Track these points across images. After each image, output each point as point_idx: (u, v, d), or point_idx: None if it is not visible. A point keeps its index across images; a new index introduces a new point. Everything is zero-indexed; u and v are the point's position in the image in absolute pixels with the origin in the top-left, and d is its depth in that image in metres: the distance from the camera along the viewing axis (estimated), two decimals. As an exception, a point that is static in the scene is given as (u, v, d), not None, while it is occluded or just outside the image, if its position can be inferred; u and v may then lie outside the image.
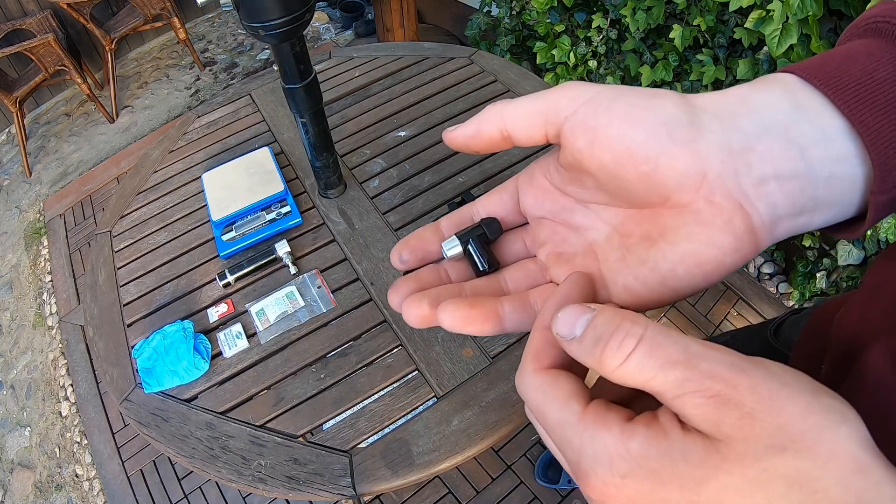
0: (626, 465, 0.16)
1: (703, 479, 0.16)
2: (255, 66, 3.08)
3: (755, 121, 0.19)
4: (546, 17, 1.78)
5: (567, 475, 1.41)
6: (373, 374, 0.80)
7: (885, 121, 0.19)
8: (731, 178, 0.19)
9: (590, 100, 0.20)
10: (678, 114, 0.19)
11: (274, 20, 0.69)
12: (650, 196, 0.20)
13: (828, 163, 0.19)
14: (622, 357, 0.17)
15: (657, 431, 0.17)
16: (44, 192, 2.59)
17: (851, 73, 0.19)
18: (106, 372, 0.86)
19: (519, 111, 0.21)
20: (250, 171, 1.06)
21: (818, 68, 0.20)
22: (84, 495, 1.66)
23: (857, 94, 0.19)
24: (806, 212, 0.19)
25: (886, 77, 0.19)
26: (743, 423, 0.15)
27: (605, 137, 0.19)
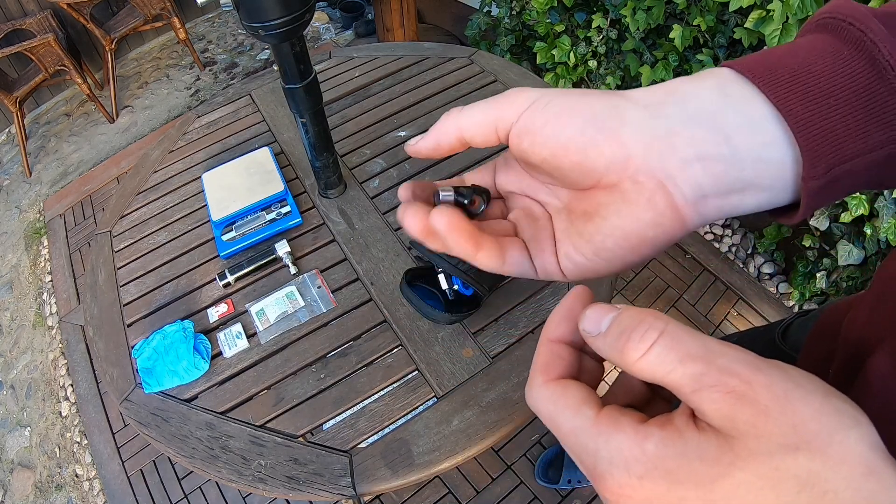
0: (643, 466, 0.17)
1: (717, 477, 0.16)
2: (255, 66, 3.08)
3: (681, 109, 0.21)
4: (546, 17, 1.78)
5: (567, 475, 1.41)
6: (373, 374, 0.80)
7: (816, 110, 0.20)
8: (655, 160, 0.21)
9: (530, 105, 0.23)
10: (603, 109, 0.22)
11: (274, 20, 0.69)
12: (585, 180, 0.23)
13: (754, 147, 0.20)
14: (644, 348, 0.17)
15: (672, 432, 0.17)
16: (44, 192, 2.59)
17: (788, 66, 0.21)
18: (106, 372, 0.86)
19: (472, 121, 0.24)
20: (250, 171, 1.06)
21: (756, 63, 0.22)
22: (84, 495, 1.66)
23: (789, 85, 0.20)
24: (734, 192, 0.21)
25: (823, 69, 0.20)
26: (757, 420, 0.16)
27: (541, 136, 0.22)
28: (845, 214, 1.29)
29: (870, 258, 1.34)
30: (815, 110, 0.20)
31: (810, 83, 0.20)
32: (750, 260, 1.77)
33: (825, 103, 0.20)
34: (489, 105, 0.24)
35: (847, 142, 0.20)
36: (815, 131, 0.20)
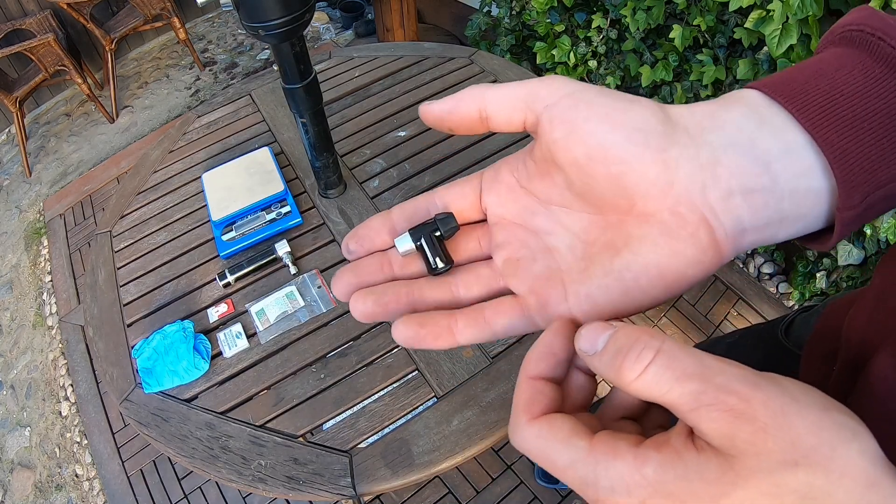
0: (644, 490, 0.16)
1: (719, 496, 0.16)
2: (255, 66, 3.08)
3: (721, 136, 0.19)
4: (546, 17, 1.78)
5: None
6: (373, 374, 0.80)
7: (851, 137, 0.19)
8: (698, 191, 0.19)
9: (571, 93, 0.20)
10: (655, 123, 0.19)
11: (274, 20, 0.69)
12: (616, 199, 0.20)
13: (792, 177, 0.19)
14: (640, 368, 0.17)
15: (671, 454, 0.17)
16: (44, 192, 2.59)
17: (819, 87, 0.20)
18: (106, 372, 0.86)
19: (500, 94, 0.21)
20: (250, 171, 1.06)
21: (785, 84, 0.20)
22: (84, 495, 1.66)
23: (822, 110, 0.19)
24: (771, 224, 0.20)
25: (854, 90, 0.19)
26: (756, 437, 0.15)
27: (581, 131, 0.19)
28: (845, 214, 1.28)
29: (870, 258, 1.34)
30: (850, 137, 0.19)
31: (843, 106, 0.19)
32: (750, 260, 1.77)
33: (859, 128, 0.19)
34: (522, 83, 0.21)
35: (881, 168, 0.19)
36: (851, 160, 0.19)
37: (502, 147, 1.06)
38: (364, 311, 0.23)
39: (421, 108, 0.23)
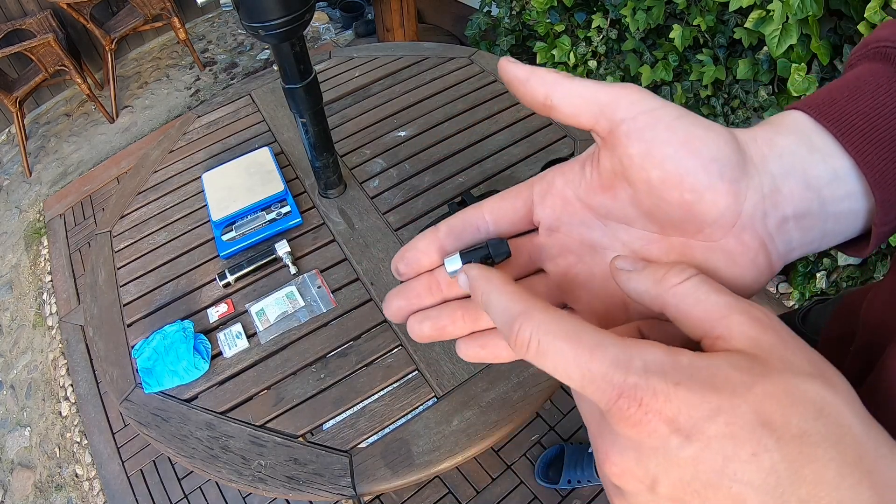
0: (679, 374, 0.16)
1: (751, 384, 0.16)
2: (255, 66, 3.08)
3: (780, 165, 0.20)
4: (546, 17, 1.78)
5: (567, 476, 1.40)
6: (373, 374, 0.80)
7: (890, 158, 0.20)
8: (760, 219, 0.20)
9: (652, 110, 0.20)
10: (729, 152, 0.20)
11: (274, 20, 0.69)
12: (685, 224, 0.20)
13: (838, 201, 0.20)
14: (684, 277, 0.19)
15: (702, 353, 0.17)
16: (44, 192, 2.59)
17: (859, 108, 0.20)
18: (106, 372, 0.86)
19: (577, 89, 0.21)
20: (250, 171, 1.06)
21: (828, 106, 0.21)
22: (84, 495, 1.66)
23: (864, 133, 0.20)
24: (815, 241, 0.21)
25: (893, 110, 0.20)
26: (780, 346, 0.17)
27: (659, 153, 0.20)
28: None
29: (869, 258, 1.34)
30: (889, 158, 0.20)
31: (882, 126, 0.20)
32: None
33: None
34: (602, 86, 0.21)
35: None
36: (889, 180, 0.20)
37: (503, 146, 1.06)
38: (422, 335, 0.23)
39: (503, 61, 0.22)
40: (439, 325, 0.23)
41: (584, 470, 1.40)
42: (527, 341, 0.18)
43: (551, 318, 0.18)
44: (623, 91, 0.21)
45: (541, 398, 0.75)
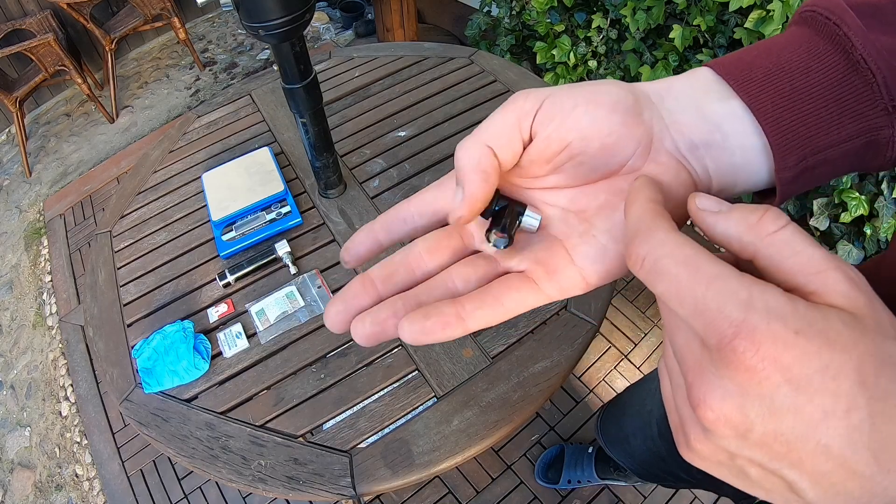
0: (799, 322, 0.16)
1: (856, 342, 0.16)
2: (255, 66, 3.08)
3: (676, 103, 0.23)
4: (546, 17, 1.78)
5: (567, 476, 1.40)
6: (373, 374, 0.80)
7: (786, 107, 0.21)
8: (670, 143, 0.23)
9: (549, 95, 0.22)
10: (625, 94, 0.22)
11: (274, 20, 0.69)
12: (610, 165, 0.23)
13: (739, 135, 0.22)
14: (781, 224, 0.18)
15: (812, 303, 0.16)
16: (44, 192, 2.59)
17: (762, 65, 0.22)
18: (106, 372, 0.86)
19: (494, 130, 0.22)
20: (250, 171, 1.06)
21: (732, 63, 0.23)
22: (84, 495, 1.66)
23: (760, 85, 0.22)
24: (729, 174, 0.23)
25: (798, 67, 0.22)
26: (871, 307, 0.16)
27: (571, 119, 0.22)
28: (845, 215, 1.29)
29: (869, 258, 1.34)
30: (786, 107, 0.21)
31: (783, 80, 0.22)
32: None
33: (797, 98, 0.21)
34: (501, 108, 0.23)
35: (820, 134, 0.21)
36: (784, 126, 0.21)
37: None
38: (364, 334, 0.23)
39: (452, 216, 0.23)
40: (380, 319, 0.23)
41: (584, 470, 1.40)
42: (641, 258, 0.19)
43: (674, 240, 0.18)
44: (519, 98, 0.23)
45: (541, 398, 0.75)
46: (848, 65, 0.21)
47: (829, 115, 0.21)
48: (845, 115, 0.21)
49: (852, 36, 0.21)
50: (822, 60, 0.21)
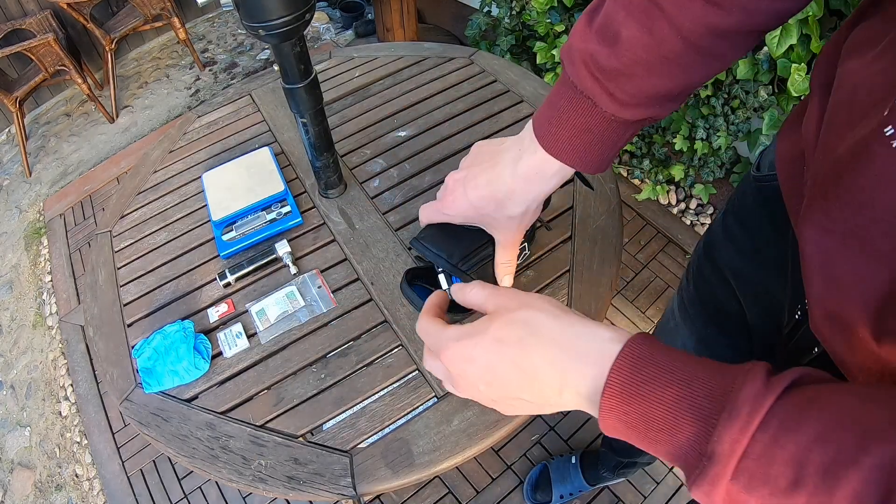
0: (456, 333, 0.38)
1: (490, 322, 0.36)
2: (255, 66, 3.09)
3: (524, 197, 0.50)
4: (546, 17, 1.78)
5: (558, 491, 1.39)
6: (373, 374, 0.80)
7: (567, 147, 0.45)
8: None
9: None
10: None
11: (274, 20, 0.69)
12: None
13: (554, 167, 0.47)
14: (472, 289, 0.41)
15: (481, 319, 0.38)
16: (44, 192, 2.59)
17: (557, 129, 0.45)
18: (106, 372, 0.86)
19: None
20: (250, 171, 1.06)
21: (538, 125, 0.46)
22: (84, 495, 1.66)
23: (556, 140, 0.45)
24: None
25: (570, 119, 0.44)
26: (503, 301, 0.38)
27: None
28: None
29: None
30: (566, 147, 0.45)
31: (563, 131, 0.44)
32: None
33: (574, 142, 0.44)
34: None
35: (590, 155, 0.45)
36: (571, 160, 0.45)
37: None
38: None
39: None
40: None
41: (573, 481, 1.38)
42: (421, 332, 0.42)
43: (426, 321, 0.42)
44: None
45: (541, 398, 0.74)
46: (598, 115, 0.42)
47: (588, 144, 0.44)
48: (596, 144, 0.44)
49: (595, 98, 0.41)
50: (583, 116, 0.43)
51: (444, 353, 0.37)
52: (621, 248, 0.90)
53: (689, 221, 1.95)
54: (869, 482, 0.22)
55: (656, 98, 0.40)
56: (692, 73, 0.39)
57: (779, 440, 0.25)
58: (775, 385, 0.26)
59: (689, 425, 0.27)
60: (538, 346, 0.33)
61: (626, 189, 2.05)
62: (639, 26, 0.37)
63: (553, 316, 0.34)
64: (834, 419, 0.25)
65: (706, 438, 0.27)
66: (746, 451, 0.26)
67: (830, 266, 0.33)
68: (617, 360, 0.30)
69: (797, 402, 0.26)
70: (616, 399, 0.30)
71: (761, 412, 0.26)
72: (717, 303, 0.67)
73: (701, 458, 0.27)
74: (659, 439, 0.29)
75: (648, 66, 0.38)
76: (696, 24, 0.36)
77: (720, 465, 0.26)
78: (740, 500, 0.27)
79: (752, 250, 0.57)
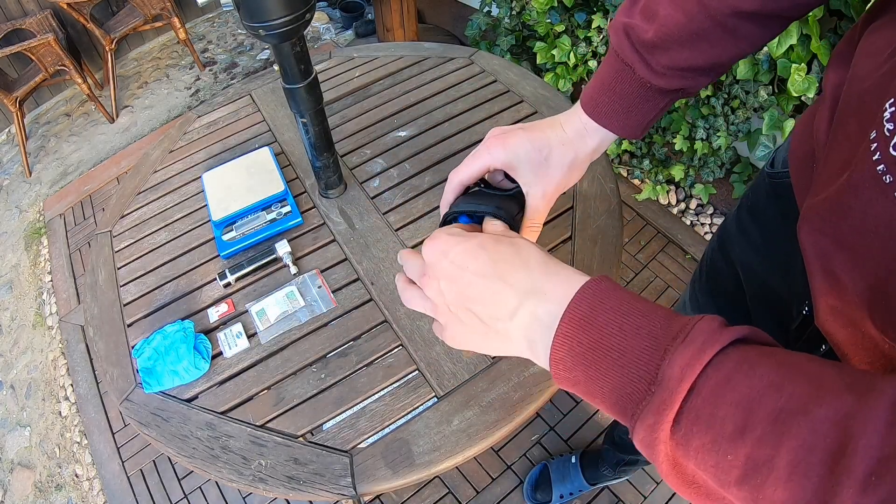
0: (453, 230, 0.39)
1: (484, 235, 0.38)
2: (255, 66, 3.09)
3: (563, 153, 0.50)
4: (546, 17, 1.78)
5: (558, 491, 1.39)
6: (373, 374, 0.80)
7: (612, 114, 0.48)
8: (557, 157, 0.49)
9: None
10: (537, 153, 0.49)
11: (275, 20, 0.69)
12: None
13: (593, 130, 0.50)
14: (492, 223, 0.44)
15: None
16: (44, 192, 2.59)
17: (594, 92, 0.49)
18: (106, 372, 0.86)
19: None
20: (250, 171, 1.06)
21: (586, 97, 0.49)
22: (84, 495, 1.66)
23: (597, 105, 0.48)
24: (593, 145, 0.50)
25: (614, 87, 0.47)
26: (503, 231, 0.41)
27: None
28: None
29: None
30: (607, 111, 0.48)
31: (602, 96, 0.48)
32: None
33: (614, 107, 0.47)
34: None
35: (614, 117, 0.48)
36: (609, 122, 0.48)
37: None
38: None
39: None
40: None
41: (573, 481, 1.38)
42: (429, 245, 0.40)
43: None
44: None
45: (541, 398, 0.75)
46: (637, 83, 0.46)
47: (626, 110, 0.47)
48: (633, 110, 0.48)
49: (634, 65, 0.46)
50: (624, 80, 0.47)
51: (430, 241, 0.37)
52: (621, 248, 0.90)
53: (689, 221, 1.95)
54: (818, 434, 0.21)
55: (688, 70, 0.44)
56: (720, 50, 0.44)
57: (732, 380, 0.24)
58: (732, 331, 0.26)
59: (641, 353, 0.27)
60: (513, 263, 0.34)
61: (626, 189, 2.05)
62: (673, 5, 0.42)
63: (540, 250, 0.36)
64: (790, 371, 0.24)
65: (657, 365, 0.26)
66: (696, 385, 0.25)
67: (828, 262, 0.34)
68: (582, 288, 0.31)
69: (755, 350, 0.25)
70: (574, 325, 0.30)
71: (715, 346, 0.25)
72: (726, 295, 0.68)
73: (650, 387, 0.26)
74: (607, 374, 0.28)
75: (680, 40, 0.43)
76: (723, 4, 0.41)
77: (668, 392, 0.25)
78: (678, 462, 0.26)
79: (763, 245, 0.58)
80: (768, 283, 0.58)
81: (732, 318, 0.57)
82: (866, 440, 0.20)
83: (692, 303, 0.79)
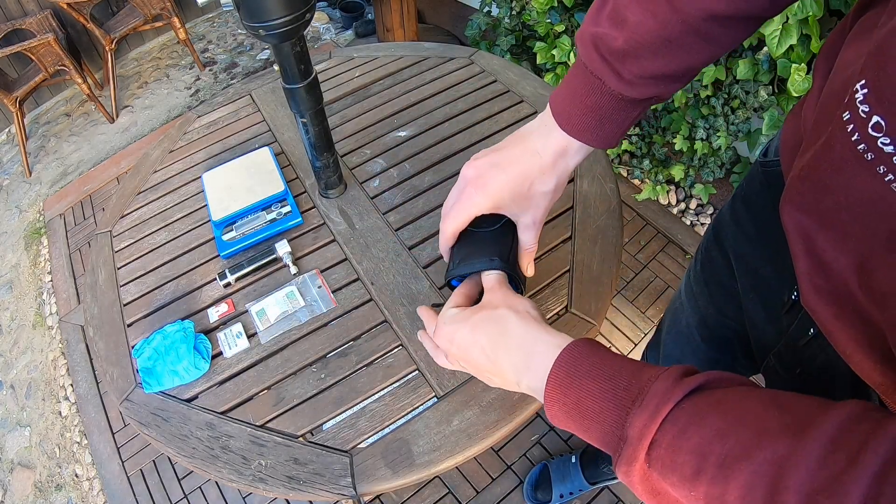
0: (449, 317, 0.48)
1: (473, 313, 0.47)
2: (255, 66, 3.09)
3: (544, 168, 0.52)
4: (546, 17, 1.78)
5: (559, 490, 1.39)
6: (373, 374, 0.80)
7: (580, 124, 0.48)
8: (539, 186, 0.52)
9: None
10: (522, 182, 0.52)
11: (274, 20, 0.69)
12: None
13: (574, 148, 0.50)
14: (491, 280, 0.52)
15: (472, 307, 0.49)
16: (44, 192, 2.59)
17: (564, 100, 0.48)
18: (106, 372, 0.86)
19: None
20: (250, 171, 1.06)
21: (554, 104, 0.49)
22: (84, 495, 1.66)
23: (569, 117, 0.48)
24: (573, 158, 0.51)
25: (585, 100, 0.47)
26: (492, 299, 0.48)
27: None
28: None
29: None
30: (579, 124, 0.47)
31: (576, 110, 0.47)
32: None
33: (586, 119, 0.47)
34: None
35: (585, 127, 0.48)
36: (584, 137, 0.48)
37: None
38: None
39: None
40: None
41: (573, 480, 1.38)
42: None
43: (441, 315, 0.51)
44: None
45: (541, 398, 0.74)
46: (607, 95, 0.45)
47: (597, 122, 0.47)
48: (605, 121, 0.47)
49: (604, 78, 0.45)
50: (593, 94, 0.46)
51: (437, 332, 0.49)
52: (621, 248, 0.90)
53: (689, 221, 1.95)
54: (758, 475, 0.25)
55: (661, 78, 0.43)
56: (694, 56, 0.42)
57: (686, 432, 0.29)
58: (685, 385, 0.31)
59: (610, 413, 0.33)
60: (504, 344, 0.44)
61: (626, 189, 2.05)
62: (643, 10, 0.40)
63: (521, 319, 0.44)
64: (736, 418, 0.28)
65: (622, 425, 0.32)
66: (656, 439, 0.30)
67: (811, 242, 0.35)
68: (558, 358, 0.38)
69: (705, 401, 0.30)
70: (556, 391, 0.37)
71: (668, 405, 0.30)
72: (720, 285, 0.69)
73: (620, 442, 0.32)
74: (590, 427, 0.35)
75: (652, 47, 0.41)
76: (696, 8, 0.39)
77: (631, 448, 0.31)
78: (660, 487, 0.31)
79: (756, 234, 0.58)
80: (760, 272, 0.58)
81: (725, 309, 0.62)
82: (797, 478, 0.24)
83: (687, 292, 0.80)
